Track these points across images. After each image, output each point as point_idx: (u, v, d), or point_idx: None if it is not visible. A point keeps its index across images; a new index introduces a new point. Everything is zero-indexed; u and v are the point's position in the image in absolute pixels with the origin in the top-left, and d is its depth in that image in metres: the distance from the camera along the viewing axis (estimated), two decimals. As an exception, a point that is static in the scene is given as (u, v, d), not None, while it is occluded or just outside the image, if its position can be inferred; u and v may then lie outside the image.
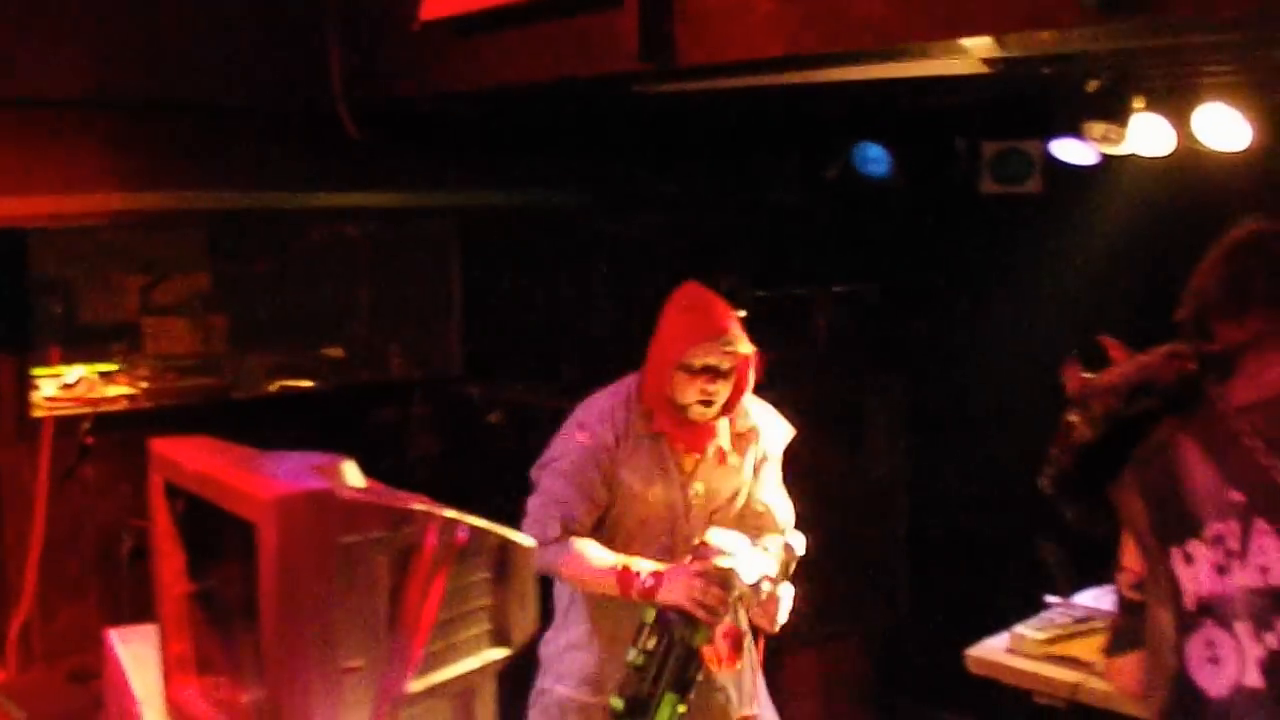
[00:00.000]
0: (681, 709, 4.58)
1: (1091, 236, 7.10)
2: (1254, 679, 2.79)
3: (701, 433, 4.99)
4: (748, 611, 4.99)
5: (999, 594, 5.86)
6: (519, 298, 8.20)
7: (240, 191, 6.36)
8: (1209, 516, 2.87)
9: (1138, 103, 5.97)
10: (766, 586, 4.84)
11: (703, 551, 4.69)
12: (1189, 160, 6.14)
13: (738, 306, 5.02)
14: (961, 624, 5.82)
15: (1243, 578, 2.81)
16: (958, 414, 7.68)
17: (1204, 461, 2.92)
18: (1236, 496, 2.84)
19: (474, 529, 3.09)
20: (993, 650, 5.59)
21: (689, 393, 4.83)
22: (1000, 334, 7.51)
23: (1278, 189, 6.41)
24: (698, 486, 5.00)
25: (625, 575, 4.63)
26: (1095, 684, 5.09)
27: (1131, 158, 6.20)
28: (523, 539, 3.29)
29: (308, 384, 8.12)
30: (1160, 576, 2.96)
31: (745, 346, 4.90)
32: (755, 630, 5.10)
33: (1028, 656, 5.47)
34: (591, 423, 4.94)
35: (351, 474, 3.11)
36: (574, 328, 8.36)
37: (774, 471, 5.21)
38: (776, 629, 4.95)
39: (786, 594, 4.94)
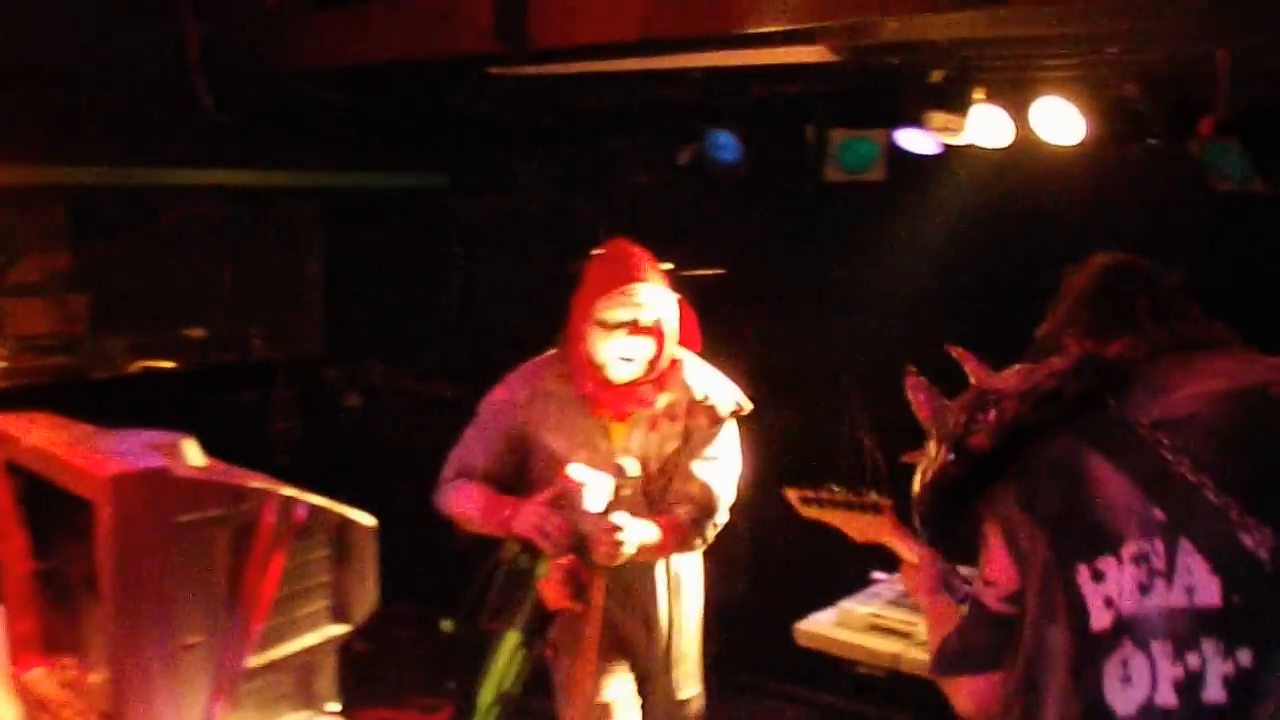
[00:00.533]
0: (521, 652, 4.45)
1: (931, 224, 7.15)
2: (1167, 698, 2.70)
3: (627, 398, 4.63)
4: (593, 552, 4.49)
5: (830, 573, 5.90)
6: (378, 280, 8.14)
7: (96, 167, 6.22)
8: (1129, 534, 2.72)
9: (978, 94, 6.02)
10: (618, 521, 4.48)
11: (559, 483, 4.58)
12: (1025, 151, 6.19)
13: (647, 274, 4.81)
14: (797, 599, 5.86)
15: (1167, 598, 2.70)
16: (796, 399, 7.71)
17: (1117, 476, 2.76)
18: (1159, 514, 2.71)
19: (313, 507, 3.07)
20: (820, 624, 5.62)
21: (606, 349, 4.50)
22: (838, 319, 7.56)
23: (1108, 181, 6.52)
24: (625, 459, 4.47)
25: (489, 507, 4.38)
26: (915, 654, 5.25)
27: (971, 148, 6.24)
28: (363, 518, 3.26)
29: (169, 365, 8.00)
30: (1055, 593, 2.78)
31: (662, 298, 4.56)
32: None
33: (852, 629, 5.54)
34: (511, 379, 4.73)
35: (191, 452, 3.09)
36: (430, 310, 8.31)
37: (713, 445, 4.76)
38: (609, 560, 4.42)
39: (634, 533, 4.42)
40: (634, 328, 4.48)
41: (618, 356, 4.52)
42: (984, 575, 2.93)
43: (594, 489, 4.36)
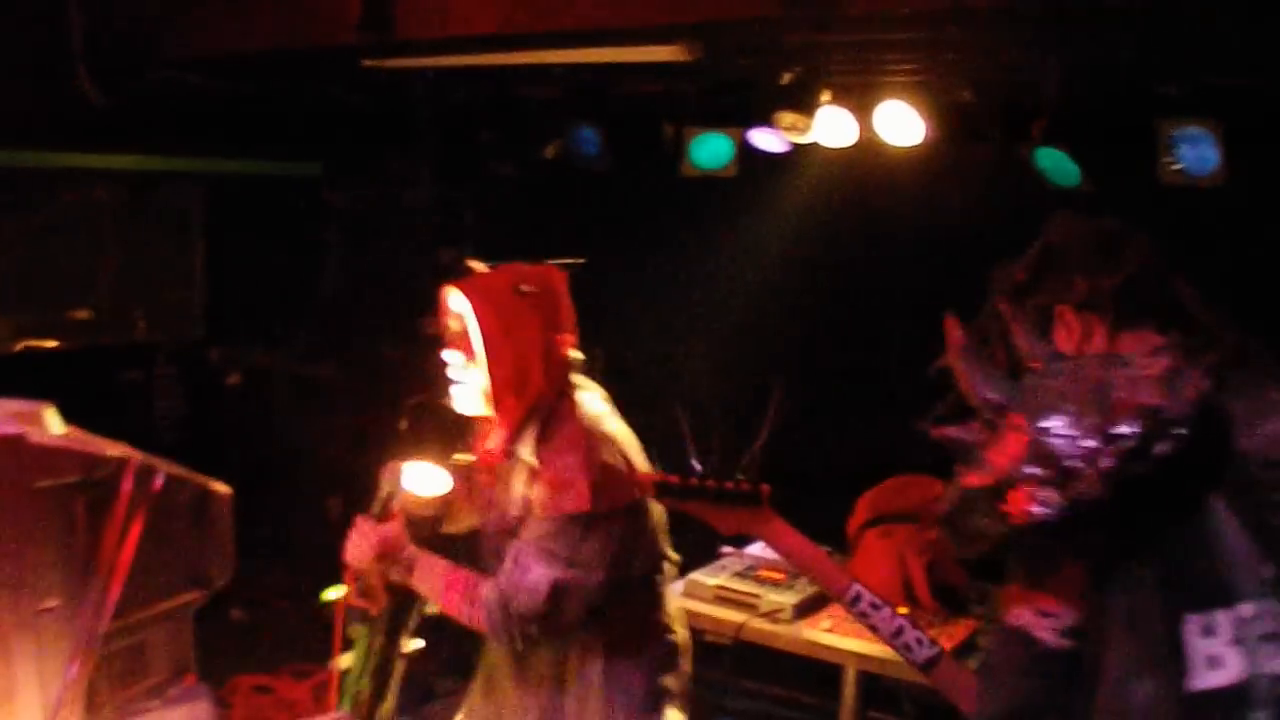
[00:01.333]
0: (368, 645, 4.35)
1: (780, 219, 7.20)
2: None
3: (481, 439, 4.22)
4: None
5: (682, 546, 5.92)
6: (259, 264, 8.03)
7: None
8: (1244, 591, 2.32)
9: (825, 96, 6.05)
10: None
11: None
12: (868, 151, 6.24)
13: (454, 280, 4.50)
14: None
15: (1274, 664, 2.33)
16: (652, 386, 7.73)
17: (1232, 521, 2.32)
18: (1267, 571, 2.33)
19: (170, 475, 3.00)
20: (671, 595, 5.61)
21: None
22: (689, 312, 7.59)
23: (946, 181, 6.56)
24: (436, 469, 4.26)
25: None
26: (757, 624, 5.40)
27: (817, 147, 6.27)
28: (220, 487, 3.19)
29: (53, 344, 7.84)
30: (1152, 645, 2.35)
31: (469, 306, 3.97)
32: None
33: (700, 599, 5.59)
34: None
35: (51, 421, 3.00)
36: (308, 294, 8.22)
37: (541, 533, 3.95)
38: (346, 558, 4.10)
39: (364, 543, 4.02)
40: (448, 337, 4.09)
41: (448, 380, 4.14)
42: (1039, 606, 2.51)
43: (408, 482, 4.24)
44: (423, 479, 4.33)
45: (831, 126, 6.12)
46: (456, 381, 4.10)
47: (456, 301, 4.03)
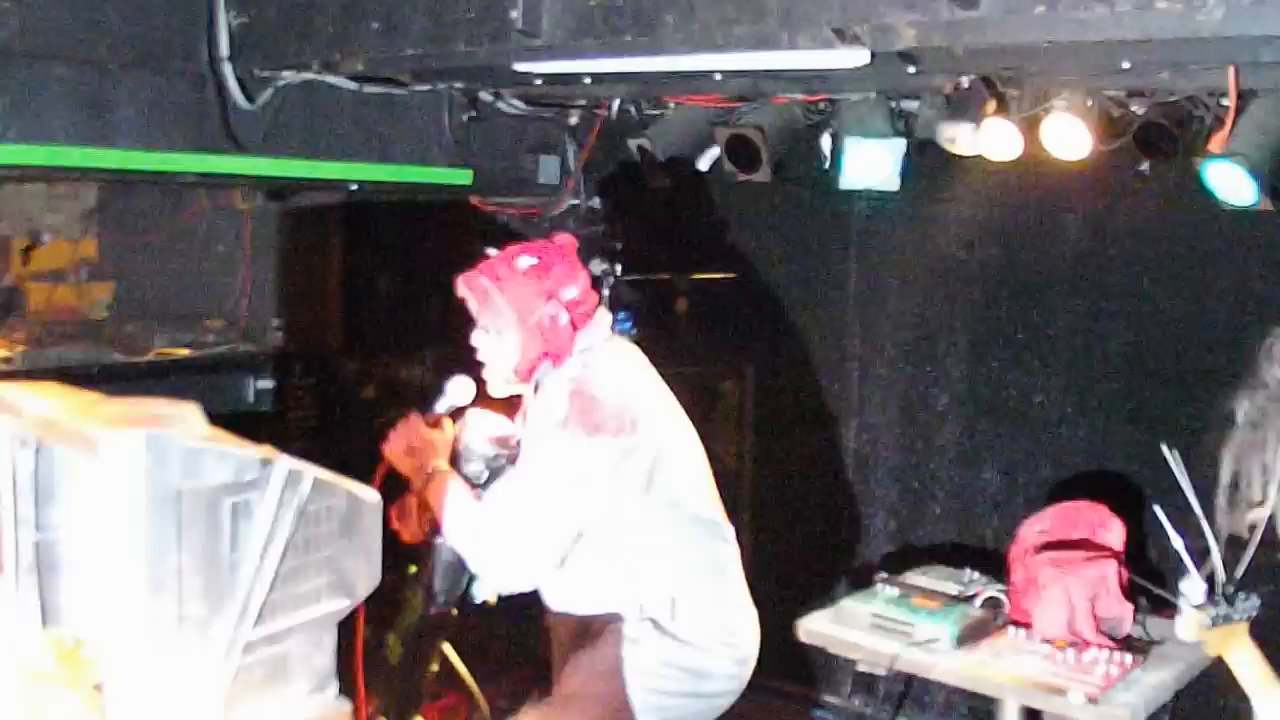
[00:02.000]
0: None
1: (940, 234, 7.10)
2: None
3: (512, 413, 4.56)
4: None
5: (833, 572, 5.85)
6: (399, 274, 8.03)
7: (125, 150, 6.08)
8: None
9: (990, 108, 5.90)
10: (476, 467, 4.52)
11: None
12: (1033, 165, 6.10)
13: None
14: (799, 600, 5.79)
15: None
16: (801, 403, 7.65)
17: None
18: None
19: (318, 480, 2.93)
20: (821, 621, 5.62)
21: None
22: (847, 327, 7.50)
23: (1113, 197, 6.43)
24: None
25: None
26: (912, 653, 5.29)
27: (980, 160, 6.14)
28: (369, 494, 3.13)
29: (186, 352, 7.87)
30: None
31: (477, 288, 4.36)
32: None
33: (852, 627, 5.53)
34: None
35: (197, 421, 2.95)
36: (449, 306, 8.21)
37: (524, 460, 4.34)
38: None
39: (401, 439, 4.48)
40: (479, 321, 4.41)
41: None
42: None
43: (473, 419, 4.57)
44: (488, 420, 4.59)
45: (996, 139, 6.00)
46: (485, 365, 4.43)
47: (463, 290, 4.40)
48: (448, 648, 4.99)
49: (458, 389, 4.60)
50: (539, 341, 4.29)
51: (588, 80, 6.33)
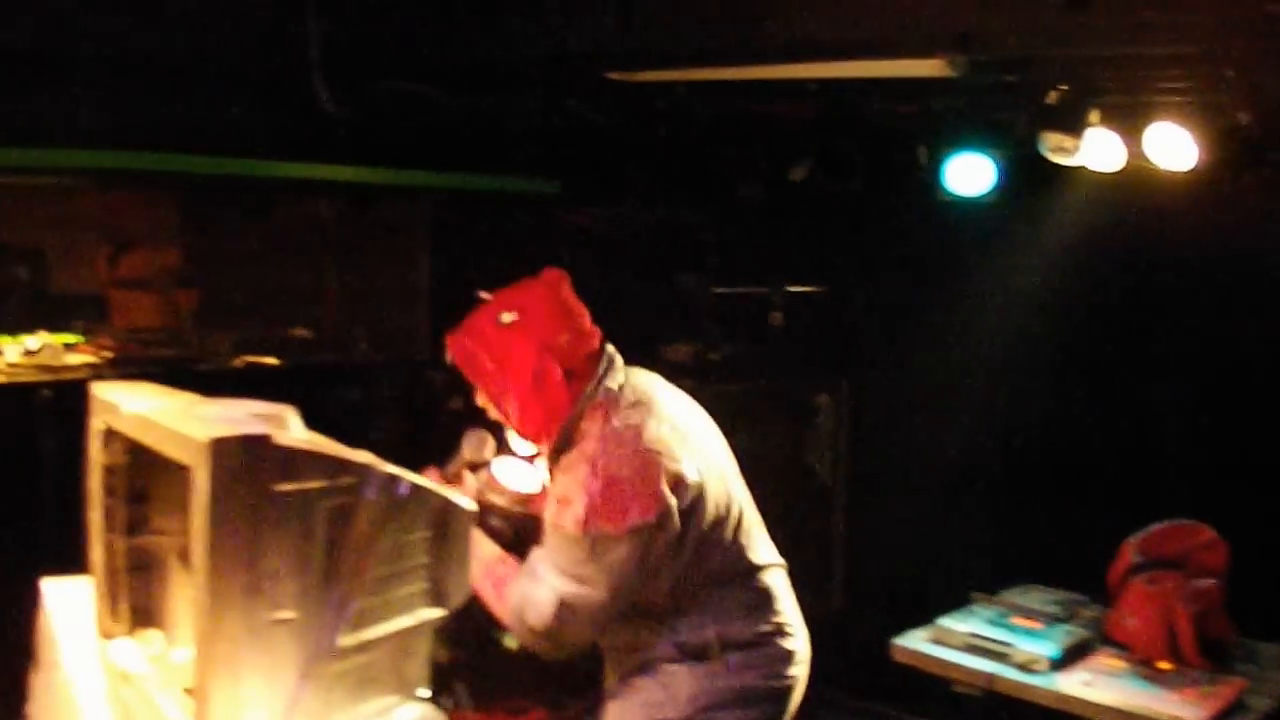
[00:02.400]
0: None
1: (1040, 247, 7.03)
2: None
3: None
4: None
5: (928, 589, 5.79)
6: (486, 284, 8.04)
7: (212, 156, 6.13)
8: None
9: (1093, 117, 5.85)
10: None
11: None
12: (1137, 176, 6.04)
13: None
14: (891, 617, 5.74)
15: None
16: (897, 417, 7.60)
17: None
18: None
19: (415, 487, 2.92)
20: (917, 640, 5.58)
21: None
22: (944, 340, 7.44)
23: (1219, 209, 6.35)
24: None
25: None
26: (1010, 674, 5.24)
27: (1081, 171, 6.08)
28: (464, 502, 3.11)
29: (273, 361, 7.92)
30: None
31: (456, 343, 4.16)
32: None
33: (949, 647, 5.48)
34: None
35: (294, 423, 2.94)
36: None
37: (543, 545, 4.06)
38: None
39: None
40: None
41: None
42: None
43: (498, 468, 4.39)
44: (513, 471, 4.39)
45: (1099, 149, 5.95)
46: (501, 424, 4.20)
47: (450, 354, 4.16)
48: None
49: (473, 444, 4.42)
50: (534, 402, 4.06)
51: (682, 90, 6.30)
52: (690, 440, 4.10)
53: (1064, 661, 5.25)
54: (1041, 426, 7.17)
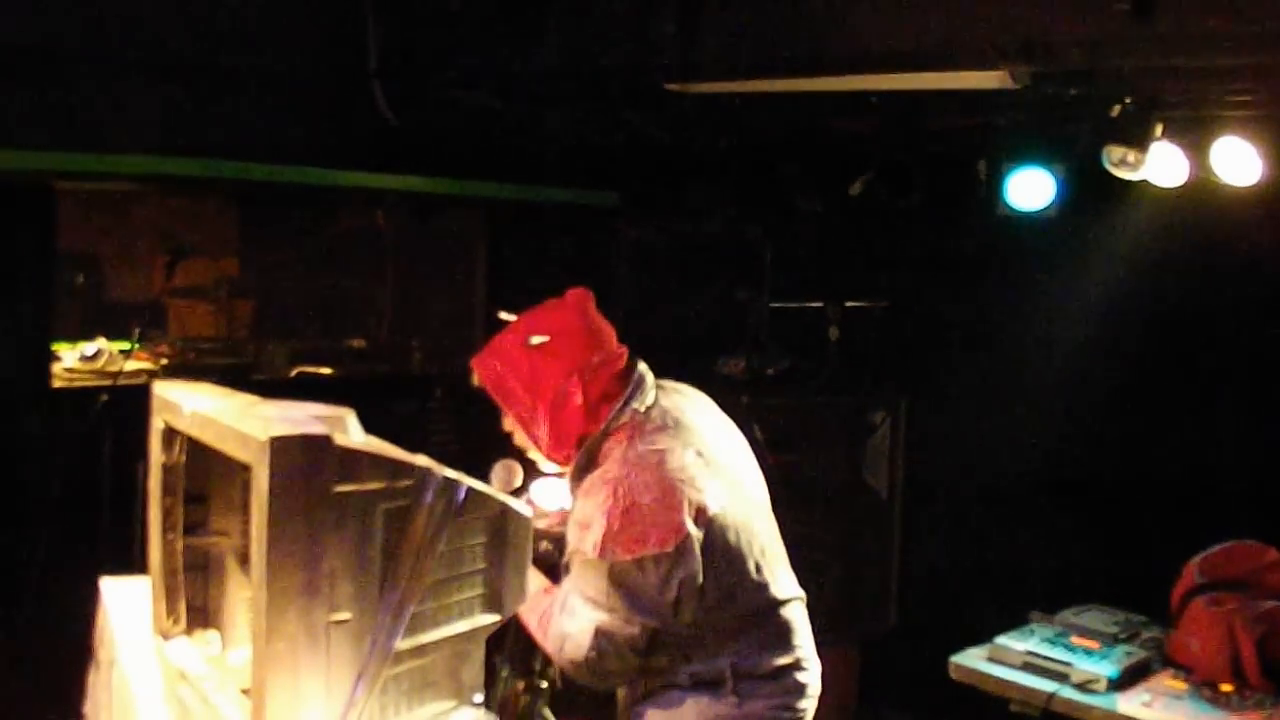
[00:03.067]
0: (516, 684, 4.48)
1: (1102, 263, 7.00)
2: None
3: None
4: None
5: (985, 608, 5.77)
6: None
7: (267, 163, 6.17)
8: None
9: (1157, 130, 5.83)
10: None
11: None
12: (1201, 191, 6.01)
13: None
14: (947, 636, 5.72)
15: None
16: (955, 433, 7.57)
17: None
18: None
19: (473, 492, 2.94)
20: (974, 659, 5.56)
21: None
22: (1003, 357, 7.41)
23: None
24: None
25: None
26: (1068, 694, 5.21)
27: (1145, 185, 6.06)
28: (522, 509, 3.13)
29: (328, 371, 7.97)
30: None
31: (483, 365, 4.14)
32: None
33: (1007, 666, 5.45)
34: None
35: (353, 426, 2.97)
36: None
37: (575, 573, 4.03)
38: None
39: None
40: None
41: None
42: None
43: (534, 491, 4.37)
44: (551, 491, 4.40)
45: (1162, 163, 5.92)
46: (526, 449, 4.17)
47: (478, 377, 4.14)
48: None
49: (502, 475, 4.37)
50: (564, 422, 4.02)
51: (740, 103, 6.31)
52: (717, 468, 4.06)
53: (1123, 682, 5.21)
54: (1101, 444, 7.13)
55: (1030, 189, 6.52)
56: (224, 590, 3.42)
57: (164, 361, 7.34)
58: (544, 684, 4.60)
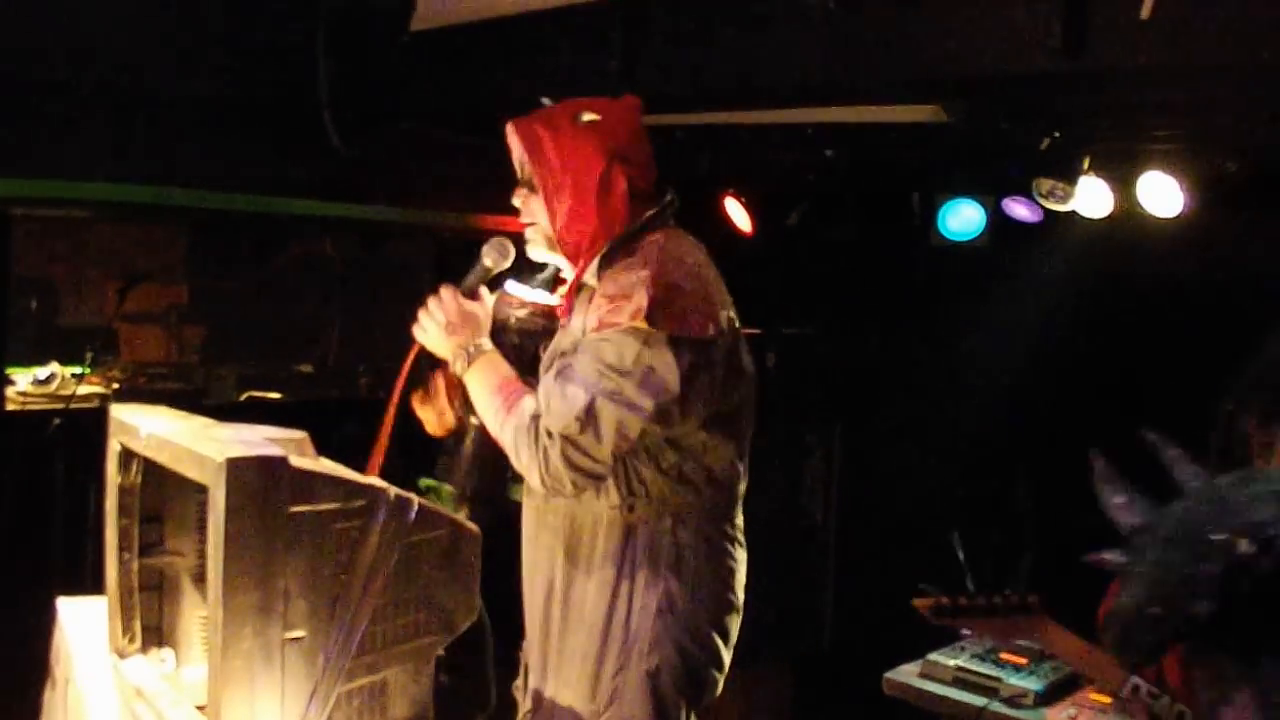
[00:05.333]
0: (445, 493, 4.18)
1: (1031, 292, 7.08)
2: None
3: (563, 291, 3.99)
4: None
5: (916, 626, 5.82)
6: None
7: (218, 191, 6.17)
8: None
9: (1084, 164, 5.92)
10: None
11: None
12: (1126, 222, 6.09)
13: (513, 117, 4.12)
14: (880, 654, 5.76)
15: None
16: (890, 457, 7.62)
17: None
18: None
19: (424, 510, 2.95)
20: (907, 675, 5.58)
21: None
22: (936, 384, 7.47)
23: (1205, 255, 6.39)
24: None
25: None
26: (998, 708, 5.24)
27: (1073, 216, 6.15)
28: (472, 528, 3.14)
29: (276, 396, 7.95)
30: None
31: (523, 135, 3.82)
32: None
33: (938, 681, 5.48)
34: None
35: (307, 448, 2.98)
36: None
37: (589, 346, 3.65)
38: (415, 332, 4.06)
39: (441, 314, 3.97)
40: (519, 179, 3.91)
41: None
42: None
43: (512, 286, 4.10)
44: (526, 288, 4.11)
45: (1089, 195, 6.01)
46: (526, 223, 3.93)
47: (512, 137, 3.88)
48: None
49: (495, 253, 4.06)
50: (590, 207, 3.73)
51: (680, 134, 6.34)
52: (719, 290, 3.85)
53: (1050, 696, 5.26)
54: (1029, 468, 7.20)
55: (962, 220, 6.60)
56: (179, 609, 3.42)
57: (115, 386, 7.32)
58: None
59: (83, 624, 3.72)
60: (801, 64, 4.45)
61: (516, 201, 3.95)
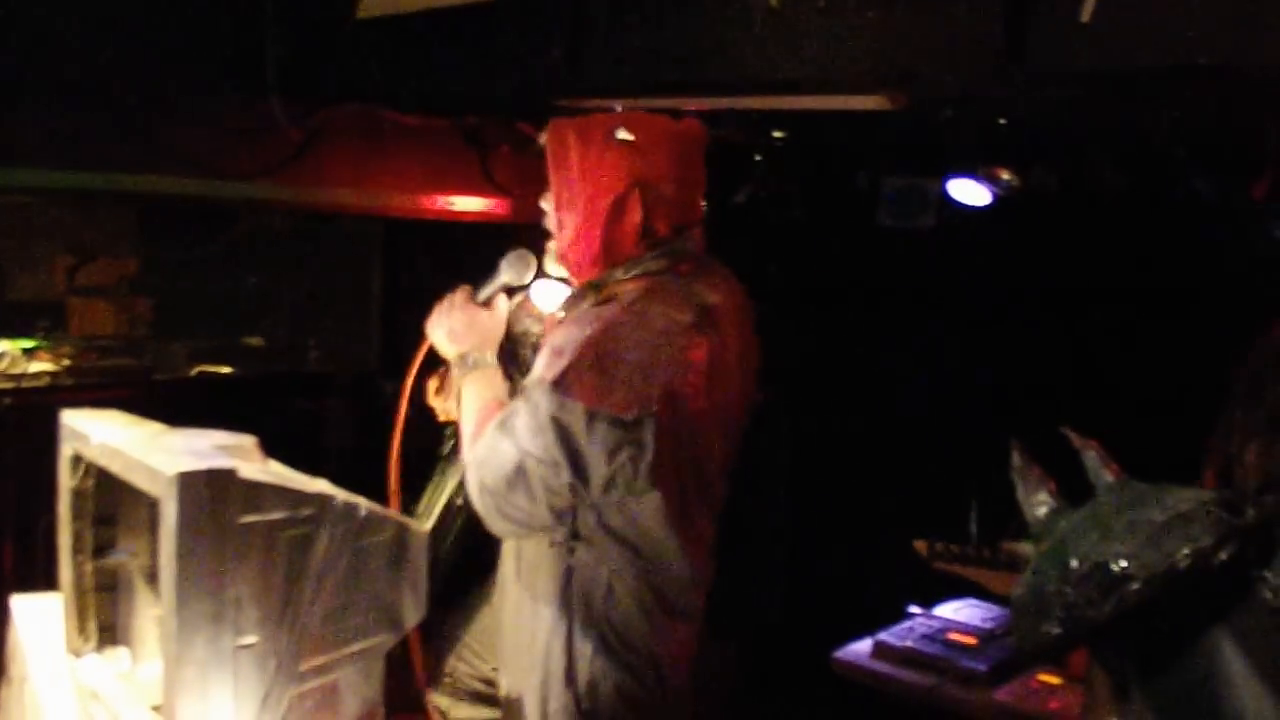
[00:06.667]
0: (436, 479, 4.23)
1: (977, 273, 7.13)
2: None
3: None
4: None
5: (867, 604, 5.88)
6: (437, 298, 8.12)
7: (171, 177, 6.17)
8: None
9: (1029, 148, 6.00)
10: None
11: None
12: (1072, 204, 6.16)
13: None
14: (830, 631, 5.83)
15: None
16: (837, 434, 7.69)
17: (1251, 681, 1.92)
18: None
19: (371, 513, 3.03)
20: (856, 654, 5.65)
21: None
22: (886, 363, 7.54)
23: (1156, 236, 6.46)
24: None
25: None
26: (949, 688, 5.30)
27: (1020, 199, 6.21)
28: (418, 527, 3.22)
29: (227, 370, 7.99)
30: None
31: (558, 129, 3.76)
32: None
33: (888, 660, 5.54)
34: None
35: (256, 455, 3.05)
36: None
37: (523, 402, 3.56)
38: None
39: (450, 320, 3.98)
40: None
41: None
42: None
43: (535, 293, 4.04)
44: (553, 294, 4.05)
45: (1034, 177, 6.09)
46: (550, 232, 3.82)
47: (545, 138, 3.80)
48: None
49: (514, 266, 4.03)
50: (597, 231, 3.64)
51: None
52: (720, 381, 3.76)
53: (999, 675, 5.34)
54: (978, 444, 7.28)
55: (909, 202, 6.66)
56: (133, 607, 3.48)
57: (66, 363, 7.32)
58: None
59: (38, 622, 3.77)
60: (745, 57, 4.49)
61: (545, 206, 3.88)
